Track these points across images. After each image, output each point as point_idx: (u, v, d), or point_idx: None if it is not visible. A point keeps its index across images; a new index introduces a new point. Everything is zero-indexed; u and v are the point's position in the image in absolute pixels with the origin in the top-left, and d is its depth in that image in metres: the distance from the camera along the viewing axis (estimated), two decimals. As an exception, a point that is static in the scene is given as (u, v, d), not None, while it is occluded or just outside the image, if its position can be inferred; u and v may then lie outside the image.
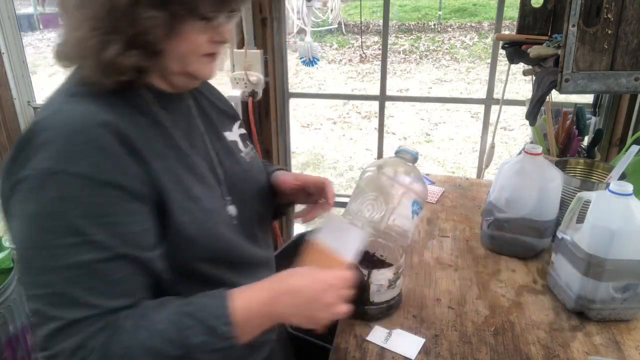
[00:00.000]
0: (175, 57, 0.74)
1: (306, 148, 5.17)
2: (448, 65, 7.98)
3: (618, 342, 0.94)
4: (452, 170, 4.60)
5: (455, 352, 0.92)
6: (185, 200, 0.75)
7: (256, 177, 0.96)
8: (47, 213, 0.64)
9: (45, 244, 0.64)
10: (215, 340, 0.67)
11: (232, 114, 1.00)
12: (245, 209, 0.90)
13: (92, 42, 0.67)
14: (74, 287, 0.64)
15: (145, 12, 0.67)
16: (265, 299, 0.71)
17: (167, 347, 0.65)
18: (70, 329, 0.64)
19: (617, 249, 0.92)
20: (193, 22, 0.71)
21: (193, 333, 0.66)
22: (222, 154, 0.89)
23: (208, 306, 0.69)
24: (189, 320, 0.67)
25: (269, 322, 0.72)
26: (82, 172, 0.65)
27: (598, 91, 1.09)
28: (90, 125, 0.67)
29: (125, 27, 0.68)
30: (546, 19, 1.50)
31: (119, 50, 0.68)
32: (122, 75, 0.70)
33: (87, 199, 0.65)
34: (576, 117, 1.70)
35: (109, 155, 0.67)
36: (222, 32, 0.76)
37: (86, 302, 0.65)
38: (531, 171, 1.14)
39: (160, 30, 0.69)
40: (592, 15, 1.07)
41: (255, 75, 1.94)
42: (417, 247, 1.27)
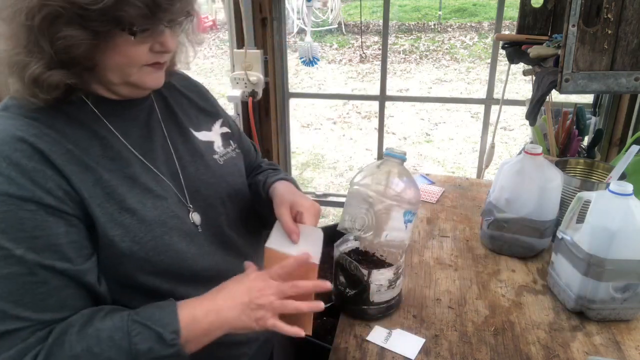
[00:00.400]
0: (112, 69, 0.72)
1: (306, 148, 5.17)
2: (448, 65, 7.98)
3: (618, 342, 0.94)
4: (452, 170, 4.60)
5: (455, 352, 0.92)
6: (117, 212, 0.73)
7: (228, 180, 0.92)
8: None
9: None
10: (161, 347, 0.67)
11: (212, 111, 0.97)
12: (212, 215, 0.87)
13: (14, 59, 0.66)
14: (6, 304, 0.64)
15: (63, 31, 0.65)
16: (209, 306, 0.72)
17: (114, 354, 0.65)
18: (4, 341, 0.64)
19: (617, 249, 0.92)
20: (123, 35, 0.68)
21: (141, 340, 0.66)
22: (188, 158, 0.86)
23: (155, 314, 0.69)
24: (138, 327, 0.67)
25: (218, 329, 0.72)
26: (15, 193, 0.65)
27: (598, 91, 1.09)
28: (4, 142, 0.67)
29: (45, 46, 0.66)
30: (546, 19, 1.50)
31: (42, 69, 0.66)
32: (51, 93, 0.68)
33: (3, 215, 0.64)
34: (576, 117, 1.70)
35: (23, 171, 0.66)
36: (162, 42, 0.72)
37: (14, 315, 0.65)
38: (531, 171, 1.14)
39: (83, 47, 0.66)
40: (592, 15, 1.07)
41: (255, 75, 1.94)
42: (417, 247, 1.27)
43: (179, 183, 0.83)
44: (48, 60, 0.67)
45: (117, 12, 0.65)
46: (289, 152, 2.29)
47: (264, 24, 1.93)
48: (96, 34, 0.66)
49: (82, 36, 0.65)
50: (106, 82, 0.74)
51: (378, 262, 1.04)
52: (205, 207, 0.86)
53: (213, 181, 0.88)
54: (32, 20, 0.64)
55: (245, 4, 1.88)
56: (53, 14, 0.63)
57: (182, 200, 0.83)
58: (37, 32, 0.65)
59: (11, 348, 0.64)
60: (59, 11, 0.63)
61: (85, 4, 0.63)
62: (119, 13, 0.65)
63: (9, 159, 0.66)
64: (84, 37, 0.65)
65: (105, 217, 0.72)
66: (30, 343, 0.65)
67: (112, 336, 0.66)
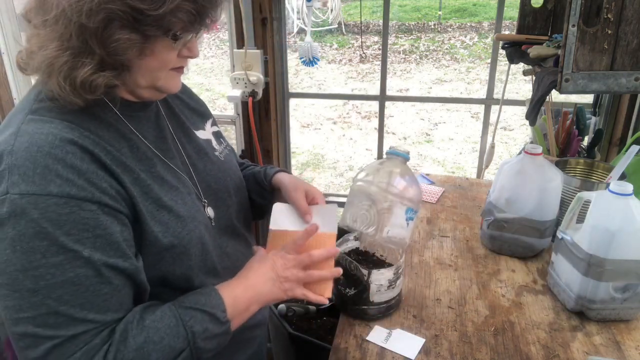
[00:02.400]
0: (144, 73, 0.73)
1: (306, 148, 5.17)
2: (448, 65, 7.98)
3: (618, 342, 0.94)
4: (452, 170, 4.60)
5: (455, 352, 0.92)
6: (156, 210, 0.75)
7: (231, 175, 0.96)
8: (31, 235, 0.63)
9: (33, 264, 0.63)
10: (215, 325, 0.73)
11: (202, 111, 0.99)
12: (222, 208, 0.91)
13: (60, 61, 0.66)
14: (65, 304, 0.64)
15: (117, 33, 0.66)
16: (245, 284, 0.80)
17: (174, 340, 0.69)
18: (69, 345, 0.64)
19: (617, 249, 0.92)
20: (163, 40, 0.70)
21: (195, 322, 0.72)
22: (195, 156, 0.89)
23: (201, 299, 0.75)
24: (190, 312, 0.72)
25: (255, 304, 0.81)
26: (57, 192, 0.65)
27: (598, 91, 1.09)
28: (55, 145, 0.67)
29: (96, 48, 0.66)
30: (546, 19, 1.50)
31: (92, 71, 0.67)
32: (93, 94, 0.69)
33: (66, 217, 0.65)
34: (576, 117, 1.70)
35: (79, 172, 0.67)
36: (190, 48, 0.76)
37: (80, 317, 0.65)
38: (531, 171, 1.14)
39: (133, 50, 0.68)
40: (592, 15, 1.06)
41: (255, 75, 1.94)
42: (417, 247, 1.27)
43: (193, 179, 0.87)
44: (98, 62, 0.67)
45: (172, 18, 0.67)
46: (289, 152, 2.29)
47: (264, 24, 1.93)
48: (146, 38, 0.68)
49: (134, 39, 0.67)
50: (133, 85, 0.75)
51: (378, 262, 1.04)
52: (216, 200, 0.90)
53: (220, 175, 0.92)
54: (88, 22, 0.64)
55: (245, 4, 1.88)
56: (110, 16, 0.64)
57: (198, 195, 0.86)
58: (90, 34, 0.65)
59: (76, 351, 0.65)
60: (117, 14, 0.64)
61: (146, 9, 0.64)
62: (172, 19, 0.67)
63: (63, 162, 0.66)
64: (136, 40, 0.67)
65: (148, 214, 0.74)
66: (95, 344, 0.66)
67: (168, 324, 0.70)
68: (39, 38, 0.68)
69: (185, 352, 0.71)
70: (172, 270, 0.78)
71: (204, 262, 0.83)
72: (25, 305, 0.64)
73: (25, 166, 0.65)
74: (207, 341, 0.73)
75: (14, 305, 0.64)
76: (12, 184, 0.64)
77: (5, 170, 0.65)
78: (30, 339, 0.64)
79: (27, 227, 0.63)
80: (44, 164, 0.65)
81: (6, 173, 0.65)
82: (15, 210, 0.63)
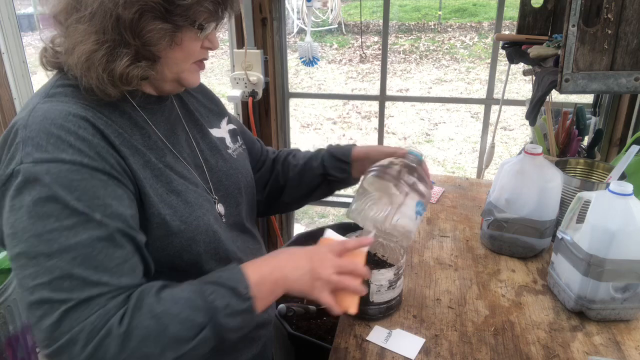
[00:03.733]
0: (171, 64, 0.77)
1: (306, 148, 5.17)
2: (448, 65, 7.98)
3: (618, 342, 0.94)
4: (452, 170, 4.60)
5: (455, 352, 0.92)
6: (166, 194, 0.77)
7: (243, 172, 0.97)
8: (44, 199, 0.65)
9: (46, 228, 0.65)
10: (238, 301, 0.70)
11: (218, 111, 1.01)
12: (232, 205, 0.92)
13: (99, 54, 0.70)
14: (79, 267, 0.65)
15: (151, 24, 0.70)
16: (274, 264, 0.76)
17: (193, 313, 0.67)
18: (84, 309, 0.64)
19: (617, 249, 0.92)
20: (190, 31, 0.74)
21: (217, 297, 0.69)
22: (208, 152, 0.91)
23: (224, 276, 0.73)
24: (211, 287, 0.70)
25: (281, 287, 0.76)
26: (69, 159, 0.67)
27: (598, 91, 1.09)
28: (68, 119, 0.69)
29: (132, 40, 0.70)
30: (546, 19, 1.50)
31: (129, 62, 0.71)
32: (129, 85, 0.73)
33: (78, 183, 0.67)
34: (576, 117, 1.70)
35: (90, 145, 0.69)
36: (211, 39, 0.80)
37: (95, 280, 0.65)
38: (531, 171, 1.14)
39: (165, 40, 0.72)
40: (592, 15, 1.07)
41: (255, 75, 1.94)
42: (417, 247, 1.27)
43: (204, 175, 0.88)
44: (134, 53, 0.71)
45: (198, 8, 0.72)
46: (289, 152, 2.28)
47: (264, 24, 1.93)
48: (176, 28, 0.72)
49: (166, 29, 0.71)
50: (160, 77, 0.78)
51: (379, 262, 1.04)
52: (226, 197, 0.91)
53: (232, 172, 0.93)
54: (124, 13, 0.68)
55: (245, 4, 1.88)
56: (144, 8, 0.69)
57: (208, 191, 0.87)
58: (125, 26, 0.69)
59: (91, 315, 0.64)
60: (150, 5, 0.69)
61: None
62: (199, 8, 0.72)
63: (75, 134, 0.68)
64: (167, 30, 0.71)
65: (156, 197, 0.75)
66: (109, 308, 0.65)
67: (189, 297, 0.69)
68: (75, 35, 0.70)
69: (206, 330, 0.68)
70: (180, 256, 0.78)
71: (216, 251, 0.83)
72: (41, 271, 0.64)
73: (39, 137, 0.67)
74: (230, 318, 0.70)
75: (30, 274, 0.64)
76: (26, 154, 0.66)
77: (19, 143, 0.67)
78: (46, 305, 0.63)
79: (40, 192, 0.65)
80: (56, 134, 0.68)
81: (20, 145, 0.67)
82: (29, 178, 0.65)
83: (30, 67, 2.11)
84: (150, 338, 0.64)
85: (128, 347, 0.63)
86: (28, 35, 11.53)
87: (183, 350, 0.66)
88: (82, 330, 0.63)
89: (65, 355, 0.62)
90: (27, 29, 11.80)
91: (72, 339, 0.62)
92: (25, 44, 2.08)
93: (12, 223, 0.66)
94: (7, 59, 1.99)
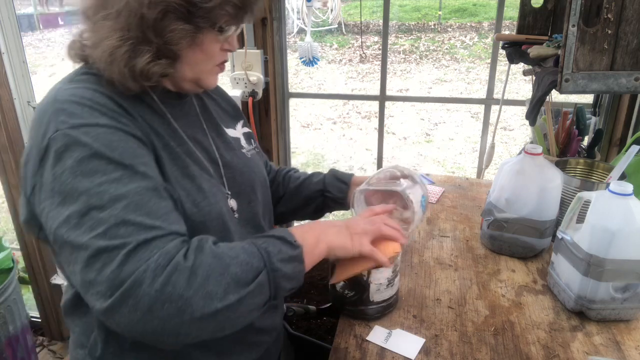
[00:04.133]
0: (191, 64, 0.80)
1: (306, 148, 5.17)
2: (448, 65, 7.98)
3: (618, 342, 0.94)
4: (452, 170, 4.60)
5: (455, 352, 0.92)
6: (181, 177, 0.78)
7: (257, 172, 0.98)
8: (87, 157, 0.66)
9: (95, 183, 0.65)
10: (288, 248, 0.74)
11: (235, 114, 1.05)
12: (245, 201, 0.93)
13: (122, 50, 0.72)
14: (133, 213, 0.65)
15: (173, 24, 0.73)
16: (313, 226, 0.82)
17: (250, 257, 0.69)
18: (144, 251, 0.63)
19: (617, 249, 0.92)
20: (210, 32, 0.77)
21: (269, 245, 0.73)
22: (223, 149, 0.93)
23: (269, 232, 0.77)
24: (261, 239, 0.74)
25: (322, 244, 0.80)
26: (105, 123, 0.70)
27: (598, 91, 1.09)
28: (96, 96, 0.73)
29: (154, 38, 0.73)
30: (546, 19, 1.50)
31: (150, 59, 0.74)
32: (149, 81, 0.76)
33: (117, 142, 0.69)
34: (576, 117, 1.70)
35: (119, 116, 0.73)
36: (230, 42, 0.83)
37: (149, 224, 0.66)
38: (531, 171, 1.14)
39: (186, 40, 0.75)
40: (592, 15, 1.06)
41: (255, 75, 1.94)
42: (417, 247, 1.27)
43: (218, 170, 0.89)
44: (155, 51, 0.74)
45: (220, 11, 0.75)
46: (289, 152, 2.28)
47: (264, 24, 1.93)
48: (197, 29, 0.75)
49: (187, 30, 0.74)
50: (180, 76, 0.81)
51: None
52: (239, 193, 0.92)
53: (246, 170, 0.95)
54: (148, 13, 0.71)
55: (245, 4, 1.88)
56: (167, 8, 0.71)
57: (222, 185, 0.89)
58: (149, 25, 0.72)
59: (152, 255, 0.63)
60: (173, 6, 0.71)
61: (198, 2, 0.72)
62: (220, 12, 0.75)
63: (105, 106, 0.72)
64: (189, 30, 0.74)
65: (172, 178, 0.77)
66: (169, 249, 0.65)
67: (243, 246, 0.71)
68: (101, 31, 0.74)
69: (262, 274, 0.69)
70: None
71: (229, 240, 0.84)
72: (95, 223, 0.64)
73: (72, 107, 0.70)
74: (284, 263, 0.72)
75: (84, 230, 0.64)
76: (61, 122, 0.68)
77: (52, 115, 0.70)
78: (104, 254, 0.62)
79: (83, 152, 0.66)
80: (88, 105, 0.71)
81: (53, 117, 0.69)
82: (69, 141, 0.67)
83: (30, 67, 2.11)
84: (214, 276, 0.65)
85: (194, 283, 0.63)
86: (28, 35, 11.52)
87: (242, 293, 0.66)
88: (147, 269, 0.62)
89: (131, 298, 0.61)
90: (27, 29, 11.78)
91: (137, 279, 0.61)
92: (25, 44, 2.08)
93: (57, 190, 0.66)
94: (7, 59, 1.99)
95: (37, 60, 8.58)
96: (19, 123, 2.07)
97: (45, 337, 2.39)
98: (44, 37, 10.68)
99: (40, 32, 11.10)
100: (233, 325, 0.68)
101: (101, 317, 0.63)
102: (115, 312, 0.61)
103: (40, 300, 2.29)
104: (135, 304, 0.61)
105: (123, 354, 0.82)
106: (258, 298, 0.69)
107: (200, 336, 0.65)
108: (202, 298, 0.63)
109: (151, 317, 0.61)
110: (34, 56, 8.93)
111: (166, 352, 0.81)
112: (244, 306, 0.67)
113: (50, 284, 2.23)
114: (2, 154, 2.05)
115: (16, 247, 2.28)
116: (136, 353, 0.82)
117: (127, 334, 0.63)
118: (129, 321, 0.61)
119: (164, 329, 0.62)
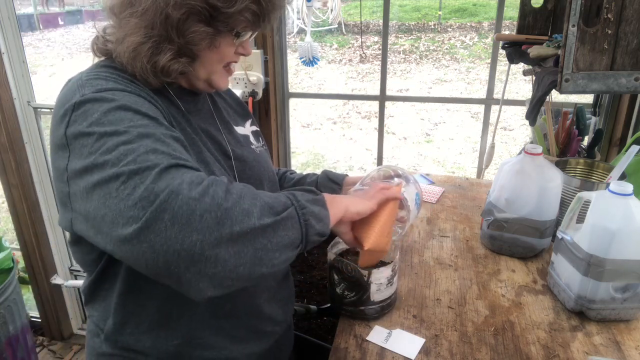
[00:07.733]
0: (205, 64, 0.83)
1: (306, 148, 5.18)
2: (448, 65, 7.98)
3: (618, 342, 0.94)
4: (452, 170, 4.60)
5: (455, 352, 0.92)
6: (197, 161, 0.81)
7: (265, 167, 1.01)
8: (114, 108, 0.69)
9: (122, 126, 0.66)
10: (312, 195, 0.75)
11: (243, 112, 1.08)
12: None
13: (145, 47, 0.76)
14: (162, 146, 0.66)
15: (195, 26, 0.77)
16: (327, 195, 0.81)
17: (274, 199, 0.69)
18: (175, 170, 0.62)
19: (617, 249, 0.92)
20: (228, 36, 0.81)
21: (294, 191, 0.74)
22: (234, 143, 0.96)
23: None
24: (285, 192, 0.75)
25: (340, 202, 0.82)
26: (130, 90, 0.74)
27: (598, 91, 1.09)
28: (120, 76, 0.77)
29: (176, 37, 0.77)
30: (546, 19, 1.50)
31: (171, 57, 0.78)
32: (168, 77, 0.80)
33: (143, 103, 0.73)
34: (576, 117, 1.70)
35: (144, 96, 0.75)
36: (245, 46, 0.87)
37: (177, 155, 0.66)
38: (531, 171, 1.14)
39: (205, 42, 0.79)
40: (592, 15, 1.06)
41: (255, 75, 1.94)
42: (417, 247, 1.27)
43: (230, 163, 0.92)
44: (177, 50, 0.78)
45: (239, 17, 0.79)
46: (289, 152, 2.28)
47: (264, 24, 1.93)
48: (217, 32, 0.79)
49: (208, 32, 0.78)
50: (195, 75, 0.85)
51: (377, 262, 1.04)
52: None
53: (255, 164, 0.97)
54: (172, 13, 0.74)
55: (245, 4, 1.88)
56: (191, 10, 0.75)
57: (232, 178, 0.90)
58: (172, 25, 0.76)
59: (185, 174, 0.62)
60: (196, 9, 0.75)
61: (221, 7, 0.76)
62: (240, 17, 0.79)
63: (130, 83, 0.77)
64: (209, 33, 0.78)
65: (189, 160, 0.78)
66: (200, 174, 0.64)
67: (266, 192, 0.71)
68: (127, 27, 0.77)
69: (291, 208, 0.69)
70: None
71: None
72: (123, 154, 0.62)
73: (97, 79, 0.74)
74: (310, 203, 0.72)
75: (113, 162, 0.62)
76: (88, 88, 0.72)
77: (78, 87, 0.72)
78: (136, 176, 0.60)
79: (109, 105, 0.69)
80: (113, 79, 0.75)
81: (79, 89, 0.72)
82: (95, 97, 0.70)
83: (30, 67, 2.11)
84: (247, 197, 0.65)
85: (231, 198, 0.62)
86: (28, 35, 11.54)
87: (277, 219, 0.66)
88: (183, 182, 0.60)
89: (167, 213, 0.57)
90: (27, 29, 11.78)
91: (173, 189, 0.59)
92: (25, 44, 2.08)
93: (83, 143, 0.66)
94: (7, 59, 1.99)
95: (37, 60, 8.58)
96: (19, 123, 2.07)
97: (45, 337, 2.39)
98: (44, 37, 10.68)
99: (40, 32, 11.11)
100: (270, 259, 0.64)
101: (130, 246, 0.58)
102: (150, 231, 0.57)
103: (40, 300, 2.29)
104: (172, 217, 0.57)
105: (140, 336, 0.84)
106: (291, 231, 0.67)
107: (237, 271, 0.61)
108: (240, 213, 0.62)
109: (189, 231, 0.57)
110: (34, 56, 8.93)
111: (183, 332, 0.83)
112: (279, 235, 0.65)
113: (50, 284, 2.23)
114: (2, 154, 2.05)
115: (16, 247, 2.28)
116: (154, 334, 0.83)
117: (160, 262, 0.58)
118: (165, 240, 0.57)
119: (202, 247, 0.58)
